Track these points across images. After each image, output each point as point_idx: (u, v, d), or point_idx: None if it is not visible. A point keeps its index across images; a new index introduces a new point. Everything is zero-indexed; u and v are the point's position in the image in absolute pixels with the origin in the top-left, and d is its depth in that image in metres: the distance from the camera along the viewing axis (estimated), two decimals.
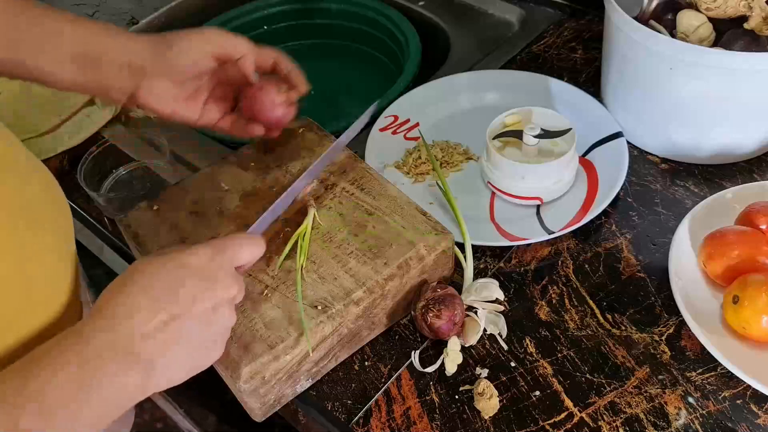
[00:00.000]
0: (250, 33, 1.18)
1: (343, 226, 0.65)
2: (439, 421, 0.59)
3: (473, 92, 0.90)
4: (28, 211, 0.53)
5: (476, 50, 1.02)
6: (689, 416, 0.57)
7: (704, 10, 0.73)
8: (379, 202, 0.67)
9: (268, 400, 0.58)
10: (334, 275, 0.61)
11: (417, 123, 0.86)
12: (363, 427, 0.59)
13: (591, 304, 0.66)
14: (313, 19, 1.19)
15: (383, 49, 1.13)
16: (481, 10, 1.09)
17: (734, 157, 0.77)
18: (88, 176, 0.79)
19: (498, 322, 0.65)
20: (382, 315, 0.63)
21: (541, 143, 0.73)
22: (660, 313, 0.64)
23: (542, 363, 0.62)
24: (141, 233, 0.67)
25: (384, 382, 0.62)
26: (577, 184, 0.76)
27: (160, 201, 0.69)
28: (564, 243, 0.72)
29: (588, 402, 0.59)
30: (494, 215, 0.75)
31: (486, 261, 0.71)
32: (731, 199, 0.69)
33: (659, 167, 0.78)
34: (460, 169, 0.81)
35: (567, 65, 0.94)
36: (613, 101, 0.82)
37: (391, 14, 1.09)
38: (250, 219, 0.67)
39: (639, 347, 0.62)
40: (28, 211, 0.52)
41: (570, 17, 1.02)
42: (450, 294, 0.62)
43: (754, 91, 0.69)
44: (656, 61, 0.71)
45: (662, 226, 0.72)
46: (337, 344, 0.61)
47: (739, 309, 0.58)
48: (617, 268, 0.69)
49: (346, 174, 0.70)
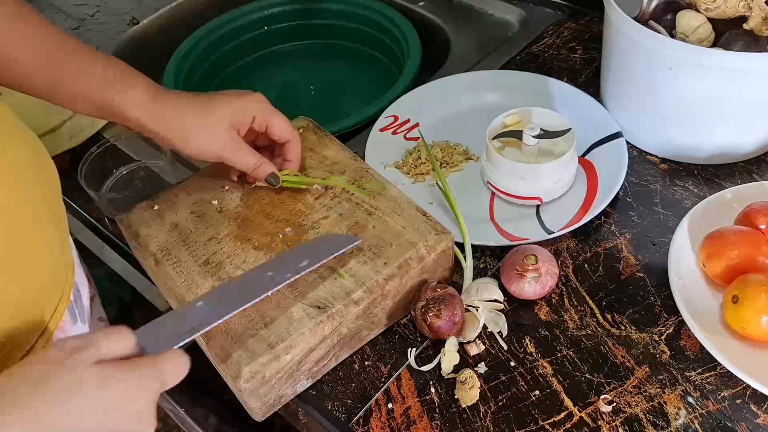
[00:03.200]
0: (250, 33, 1.18)
1: (343, 226, 0.65)
2: (439, 421, 0.59)
3: (473, 92, 0.90)
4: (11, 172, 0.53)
5: (476, 50, 1.02)
6: (689, 416, 0.57)
7: (704, 10, 0.73)
8: (379, 202, 0.67)
9: (268, 400, 0.58)
10: (334, 275, 0.61)
11: (417, 123, 0.86)
12: (363, 426, 0.59)
13: (590, 303, 0.66)
14: (313, 20, 1.19)
15: (383, 49, 1.13)
16: (481, 10, 1.09)
17: (734, 157, 0.77)
18: (89, 176, 0.79)
19: (499, 320, 0.65)
20: (382, 315, 0.63)
21: (541, 143, 0.73)
22: (659, 313, 0.65)
23: (542, 363, 0.62)
24: (141, 233, 0.67)
25: (384, 381, 0.62)
26: (576, 184, 0.76)
27: (161, 201, 0.70)
28: (563, 243, 0.72)
29: (587, 402, 0.59)
30: (494, 215, 0.75)
31: (486, 261, 0.71)
32: (731, 199, 0.69)
33: (659, 167, 0.78)
34: (460, 169, 0.81)
35: (567, 65, 0.94)
36: (612, 101, 0.82)
37: (391, 14, 1.09)
38: (250, 219, 0.67)
39: (638, 347, 0.62)
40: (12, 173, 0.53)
41: (570, 18, 1.02)
42: (450, 294, 0.62)
43: (753, 91, 0.70)
44: (656, 62, 0.71)
45: (662, 226, 0.72)
46: (337, 344, 0.61)
47: (739, 309, 0.58)
48: (617, 268, 0.69)
49: (346, 174, 0.70)
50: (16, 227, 0.52)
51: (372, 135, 0.84)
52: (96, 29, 1.17)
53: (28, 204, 0.54)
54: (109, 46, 1.12)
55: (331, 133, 0.76)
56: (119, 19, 1.18)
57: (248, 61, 1.20)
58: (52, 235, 0.58)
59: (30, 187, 0.55)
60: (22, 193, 0.53)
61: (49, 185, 0.59)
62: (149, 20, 1.18)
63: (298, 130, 0.76)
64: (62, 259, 0.60)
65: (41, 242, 0.56)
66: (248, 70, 1.20)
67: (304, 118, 0.78)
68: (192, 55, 1.10)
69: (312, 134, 0.76)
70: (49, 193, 0.58)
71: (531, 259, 0.65)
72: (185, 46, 1.09)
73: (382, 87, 0.96)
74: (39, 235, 0.55)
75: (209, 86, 1.14)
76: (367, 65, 1.17)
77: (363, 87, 1.15)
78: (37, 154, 0.59)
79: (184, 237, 0.66)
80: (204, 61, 1.13)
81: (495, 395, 0.60)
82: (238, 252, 0.64)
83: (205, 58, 1.13)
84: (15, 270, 0.52)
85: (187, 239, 0.66)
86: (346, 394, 0.62)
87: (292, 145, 0.68)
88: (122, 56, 1.10)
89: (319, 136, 0.75)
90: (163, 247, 0.65)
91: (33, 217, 0.55)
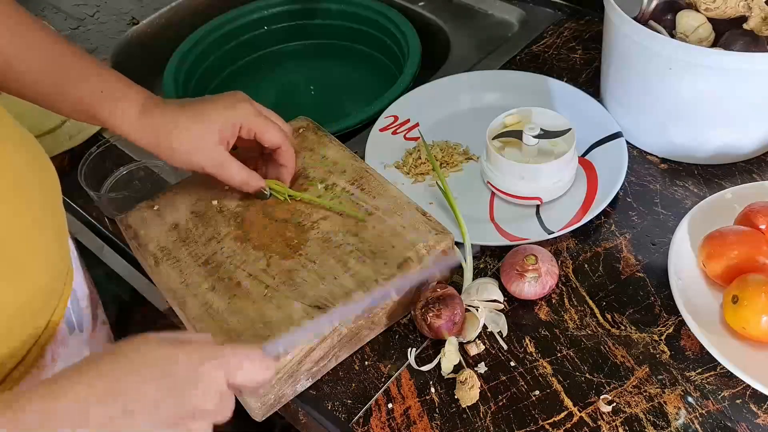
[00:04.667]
0: (250, 33, 1.18)
1: (343, 226, 0.65)
2: (439, 421, 0.59)
3: (473, 92, 0.90)
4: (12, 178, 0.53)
5: (476, 50, 1.02)
6: (689, 416, 0.57)
7: (704, 10, 0.73)
8: (379, 202, 0.67)
9: (268, 400, 0.58)
10: (334, 275, 0.61)
11: (417, 123, 0.86)
12: (363, 426, 0.59)
13: (590, 303, 0.66)
14: (313, 19, 1.19)
15: (383, 49, 1.13)
16: (481, 10, 1.09)
17: (734, 157, 0.77)
18: (89, 176, 0.79)
19: (499, 320, 0.65)
20: (382, 315, 0.63)
21: (541, 143, 0.73)
22: (659, 313, 0.65)
23: (542, 363, 0.62)
24: (141, 233, 0.67)
25: (384, 381, 0.62)
26: (576, 184, 0.76)
27: (160, 201, 0.70)
28: (563, 243, 0.72)
29: (587, 402, 0.59)
30: (494, 215, 0.75)
31: (486, 261, 0.71)
32: (731, 199, 0.69)
33: (659, 167, 0.78)
34: (460, 169, 0.81)
35: (567, 65, 0.94)
36: (612, 101, 0.82)
37: (391, 14, 1.09)
38: (250, 219, 0.67)
39: (638, 347, 0.62)
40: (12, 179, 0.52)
41: (570, 17, 1.02)
42: (450, 294, 0.62)
43: (753, 91, 0.70)
44: (656, 62, 0.71)
45: (662, 226, 0.72)
46: (337, 344, 0.61)
47: (739, 309, 0.58)
48: (617, 268, 0.69)
49: (346, 174, 0.70)
50: (14, 234, 0.51)
51: (372, 135, 0.84)
52: (96, 29, 1.16)
53: (27, 210, 0.53)
54: (109, 46, 1.12)
55: (331, 133, 0.76)
56: (119, 19, 1.18)
57: (248, 61, 1.20)
58: (51, 241, 0.57)
59: (29, 193, 0.55)
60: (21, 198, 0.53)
61: (48, 190, 0.58)
62: (149, 20, 1.17)
63: (298, 130, 0.76)
64: (60, 265, 0.59)
65: (39, 250, 0.55)
66: (248, 70, 1.20)
67: (304, 118, 0.78)
68: (192, 55, 1.10)
69: (312, 134, 0.76)
70: (48, 199, 0.58)
71: (531, 259, 0.65)
72: (185, 46, 1.09)
73: (382, 87, 0.96)
74: (37, 242, 0.55)
75: (209, 86, 1.14)
76: (367, 65, 1.17)
77: (363, 87, 1.15)
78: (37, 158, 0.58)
79: (184, 237, 0.66)
80: (204, 61, 1.13)
81: (495, 395, 0.60)
82: (238, 252, 0.64)
83: (205, 58, 1.13)
84: (10, 278, 0.51)
85: (187, 239, 0.66)
86: (346, 394, 0.62)
87: (283, 151, 0.67)
88: (122, 56, 1.12)
89: (319, 136, 0.75)
90: (163, 247, 0.65)
91: (31, 224, 0.54)
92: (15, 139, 0.55)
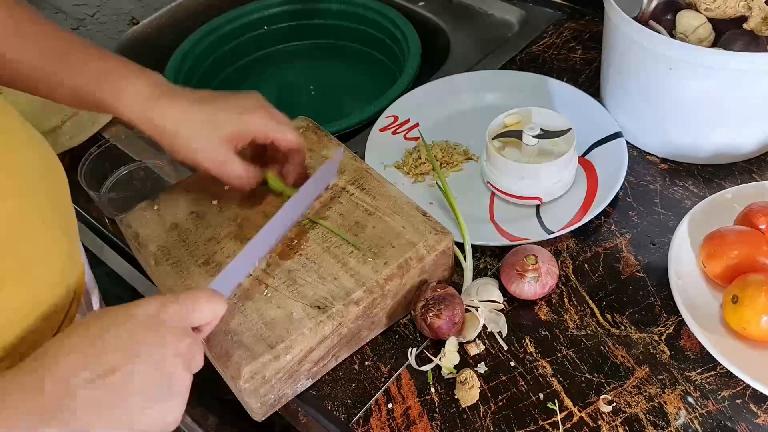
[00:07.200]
0: (250, 33, 1.18)
1: (343, 226, 0.65)
2: (438, 421, 0.59)
3: (473, 92, 0.90)
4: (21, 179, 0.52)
5: (476, 50, 1.02)
6: (689, 416, 0.57)
7: (703, 10, 0.73)
8: (379, 202, 0.67)
9: (268, 400, 0.58)
10: (334, 275, 0.61)
11: (417, 123, 0.86)
12: (363, 426, 0.59)
13: (590, 303, 0.66)
14: (313, 20, 1.19)
15: (383, 49, 1.13)
16: (481, 10, 1.09)
17: (734, 157, 0.77)
18: (89, 176, 0.79)
19: (498, 320, 0.65)
20: (382, 315, 0.63)
21: (541, 143, 0.73)
22: (659, 313, 0.65)
23: (542, 363, 0.62)
24: (141, 233, 0.67)
25: (384, 381, 0.62)
26: (576, 184, 0.76)
27: (161, 201, 0.70)
28: (563, 243, 0.72)
29: (587, 402, 0.59)
30: (494, 215, 0.75)
31: (486, 261, 0.71)
32: (731, 199, 0.69)
33: (659, 167, 0.78)
34: (460, 169, 0.81)
35: (566, 65, 0.94)
36: (612, 101, 0.82)
37: (391, 14, 1.09)
38: (250, 219, 0.67)
39: (638, 347, 0.62)
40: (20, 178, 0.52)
41: (569, 17, 1.02)
42: (450, 294, 0.62)
43: (753, 91, 0.70)
44: (655, 62, 0.71)
45: (662, 226, 0.72)
46: (337, 344, 0.61)
47: (739, 309, 0.58)
48: (617, 268, 0.69)
49: (346, 174, 0.70)
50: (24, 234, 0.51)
51: (372, 135, 0.84)
52: (96, 29, 1.17)
53: (36, 209, 0.53)
54: (109, 46, 1.12)
55: (331, 133, 0.76)
56: (119, 19, 1.18)
57: (248, 61, 1.20)
58: (60, 240, 0.57)
59: (39, 190, 0.54)
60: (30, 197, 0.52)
61: (57, 187, 0.58)
62: (149, 20, 1.18)
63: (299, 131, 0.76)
64: (69, 265, 0.58)
65: (49, 248, 0.55)
66: (248, 70, 1.20)
67: (304, 118, 0.78)
68: (192, 55, 1.10)
69: (312, 134, 0.76)
70: (57, 196, 0.57)
71: (531, 259, 0.65)
72: (185, 46, 1.09)
73: (382, 87, 0.96)
74: (47, 241, 0.54)
75: (209, 86, 1.14)
76: (367, 65, 1.17)
77: (363, 87, 1.16)
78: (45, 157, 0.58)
79: (184, 237, 0.66)
80: (204, 61, 1.13)
81: (495, 395, 0.60)
82: (238, 252, 0.64)
83: (205, 58, 1.13)
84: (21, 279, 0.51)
85: (187, 239, 0.66)
86: (346, 394, 0.62)
87: (296, 153, 0.66)
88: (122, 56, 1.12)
89: (319, 136, 0.75)
90: (163, 247, 0.65)
91: (41, 223, 0.53)
92: (23, 138, 0.55)
